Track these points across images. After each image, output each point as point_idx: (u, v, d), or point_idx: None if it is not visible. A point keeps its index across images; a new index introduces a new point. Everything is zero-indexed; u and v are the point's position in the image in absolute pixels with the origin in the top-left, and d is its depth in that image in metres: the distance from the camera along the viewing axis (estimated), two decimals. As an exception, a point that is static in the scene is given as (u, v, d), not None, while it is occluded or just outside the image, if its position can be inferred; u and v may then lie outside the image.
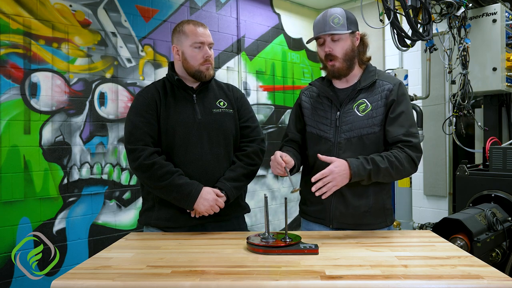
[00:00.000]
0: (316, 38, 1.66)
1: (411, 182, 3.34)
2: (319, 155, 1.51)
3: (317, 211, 1.70)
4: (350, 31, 1.62)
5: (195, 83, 1.78)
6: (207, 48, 1.72)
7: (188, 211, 1.66)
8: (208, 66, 1.73)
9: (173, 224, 1.69)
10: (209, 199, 1.62)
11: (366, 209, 1.61)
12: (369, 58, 1.72)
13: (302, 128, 1.79)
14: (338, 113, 1.65)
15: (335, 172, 1.44)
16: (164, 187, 1.61)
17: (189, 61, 1.72)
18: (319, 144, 1.68)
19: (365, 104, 1.63)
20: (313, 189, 1.44)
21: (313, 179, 1.44)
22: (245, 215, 1.88)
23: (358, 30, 1.68)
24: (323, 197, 1.46)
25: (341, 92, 1.70)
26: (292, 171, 1.63)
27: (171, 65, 1.81)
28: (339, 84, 1.72)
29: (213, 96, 1.80)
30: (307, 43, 1.74)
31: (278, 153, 1.53)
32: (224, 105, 1.79)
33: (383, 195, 1.65)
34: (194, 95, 1.75)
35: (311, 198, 1.72)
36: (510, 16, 3.12)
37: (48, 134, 2.78)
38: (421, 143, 4.00)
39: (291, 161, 1.56)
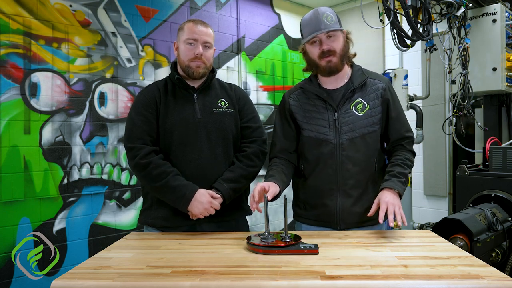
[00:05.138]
0: (312, 37, 1.62)
1: (411, 182, 3.34)
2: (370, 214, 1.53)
3: (320, 215, 1.68)
4: (342, 28, 1.64)
5: (196, 82, 1.77)
6: (201, 46, 1.70)
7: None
8: (198, 64, 1.70)
9: (170, 223, 1.68)
10: (203, 201, 1.59)
11: (370, 204, 1.58)
12: (354, 55, 1.74)
13: (294, 134, 1.74)
14: (335, 114, 1.64)
15: (389, 199, 1.48)
16: (159, 188, 1.61)
17: (181, 56, 1.73)
18: (320, 147, 1.66)
19: (362, 103, 1.65)
20: (380, 220, 1.46)
21: (372, 213, 1.51)
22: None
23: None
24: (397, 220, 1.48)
25: (334, 93, 1.68)
26: (277, 197, 1.58)
27: (174, 65, 1.81)
28: (329, 85, 1.70)
29: (215, 96, 1.78)
30: (302, 43, 1.68)
31: (259, 186, 1.49)
32: (225, 104, 1.78)
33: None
34: (195, 94, 1.75)
35: (311, 201, 1.71)
36: (510, 16, 3.12)
37: (48, 134, 2.78)
38: (421, 143, 3.99)
39: (275, 191, 1.53)
